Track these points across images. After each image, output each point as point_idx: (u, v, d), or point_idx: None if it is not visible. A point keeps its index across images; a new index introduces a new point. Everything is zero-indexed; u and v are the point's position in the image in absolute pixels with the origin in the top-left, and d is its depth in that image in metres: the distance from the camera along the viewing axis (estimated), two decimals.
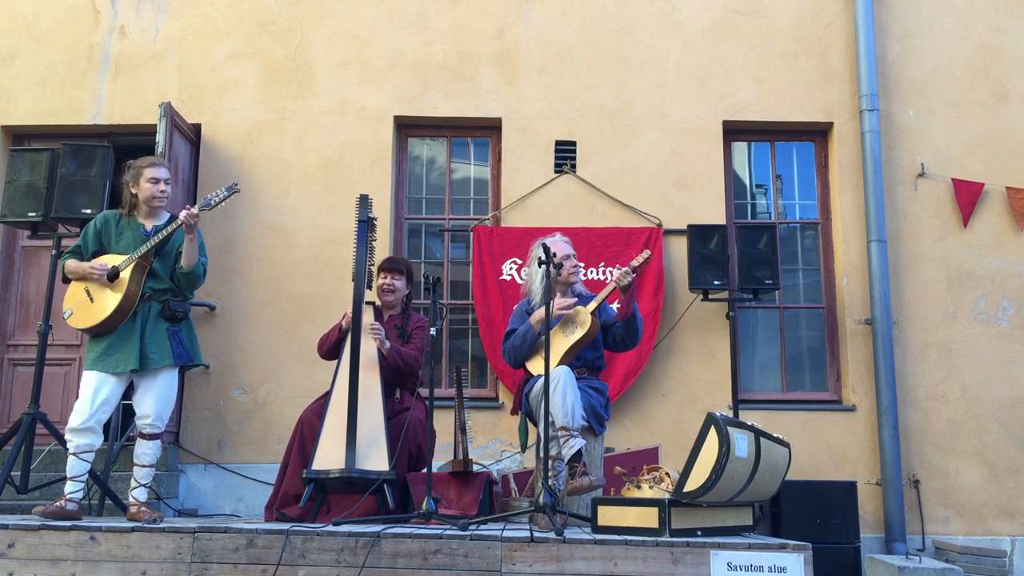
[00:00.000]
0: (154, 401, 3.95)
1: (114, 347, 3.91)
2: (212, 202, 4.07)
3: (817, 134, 6.27)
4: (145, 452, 3.98)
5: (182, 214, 3.95)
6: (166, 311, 4.02)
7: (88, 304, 3.96)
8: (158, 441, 4.01)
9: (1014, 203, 5.94)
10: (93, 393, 3.86)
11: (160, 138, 5.57)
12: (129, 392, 4.06)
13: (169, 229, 4.00)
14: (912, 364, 5.80)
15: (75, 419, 3.85)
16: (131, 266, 3.94)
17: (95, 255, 4.05)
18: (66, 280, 4.10)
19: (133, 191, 4.11)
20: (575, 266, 4.49)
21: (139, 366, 3.89)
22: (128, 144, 6.06)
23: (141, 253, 3.94)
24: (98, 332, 3.94)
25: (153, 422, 3.96)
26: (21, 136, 6.25)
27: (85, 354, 3.99)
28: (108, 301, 3.93)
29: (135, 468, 3.98)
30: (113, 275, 3.95)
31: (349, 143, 6.07)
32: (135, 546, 3.40)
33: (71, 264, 4.05)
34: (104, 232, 4.10)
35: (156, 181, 4.09)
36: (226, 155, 6.06)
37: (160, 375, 3.97)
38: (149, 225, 4.10)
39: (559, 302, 4.26)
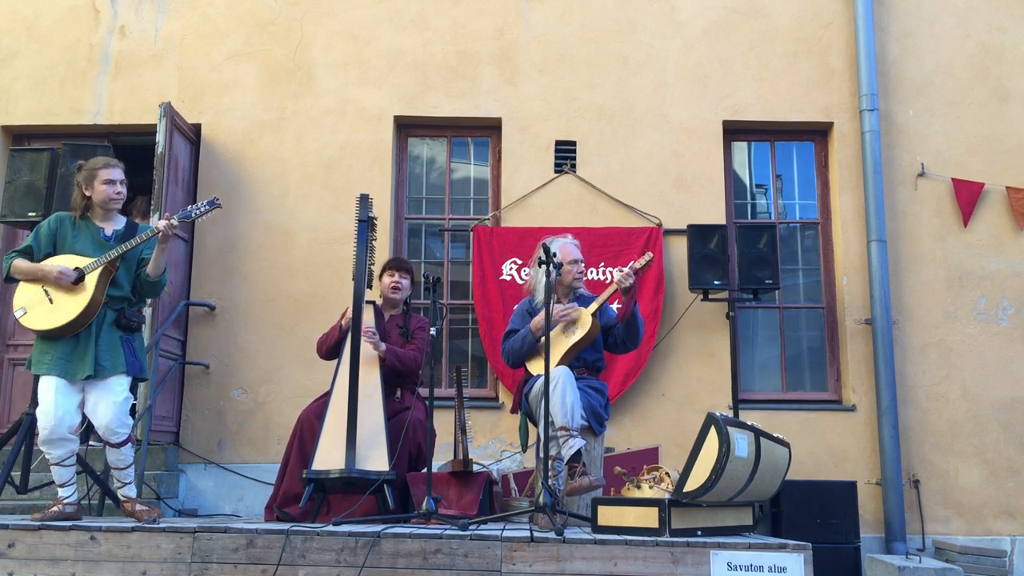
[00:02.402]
0: (108, 410, 3.79)
1: (70, 353, 3.78)
2: (192, 215, 3.92)
3: (817, 134, 6.27)
4: (118, 458, 3.88)
5: (160, 223, 3.81)
6: (121, 320, 3.89)
7: (46, 304, 3.78)
8: (128, 445, 3.89)
9: (1014, 203, 5.94)
10: (55, 402, 3.72)
11: (160, 138, 5.57)
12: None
13: (144, 236, 3.84)
14: (912, 364, 5.80)
15: (44, 431, 3.71)
16: (98, 270, 3.80)
17: (47, 257, 3.88)
18: (9, 279, 3.93)
19: (87, 193, 3.91)
20: (580, 272, 4.47)
21: (92, 373, 3.77)
22: (128, 144, 6.06)
23: (111, 258, 3.80)
24: (56, 335, 3.78)
25: (116, 429, 3.81)
26: (21, 136, 6.25)
27: (36, 357, 3.81)
28: (72, 304, 3.77)
29: (113, 471, 3.91)
30: (79, 278, 3.79)
31: (349, 143, 6.08)
32: (135, 546, 3.39)
33: (23, 265, 3.84)
34: (59, 233, 3.90)
35: (112, 183, 3.90)
36: (226, 155, 6.06)
37: (111, 383, 3.82)
38: (108, 229, 3.95)
39: (558, 307, 4.25)
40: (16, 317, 3.85)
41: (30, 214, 4.90)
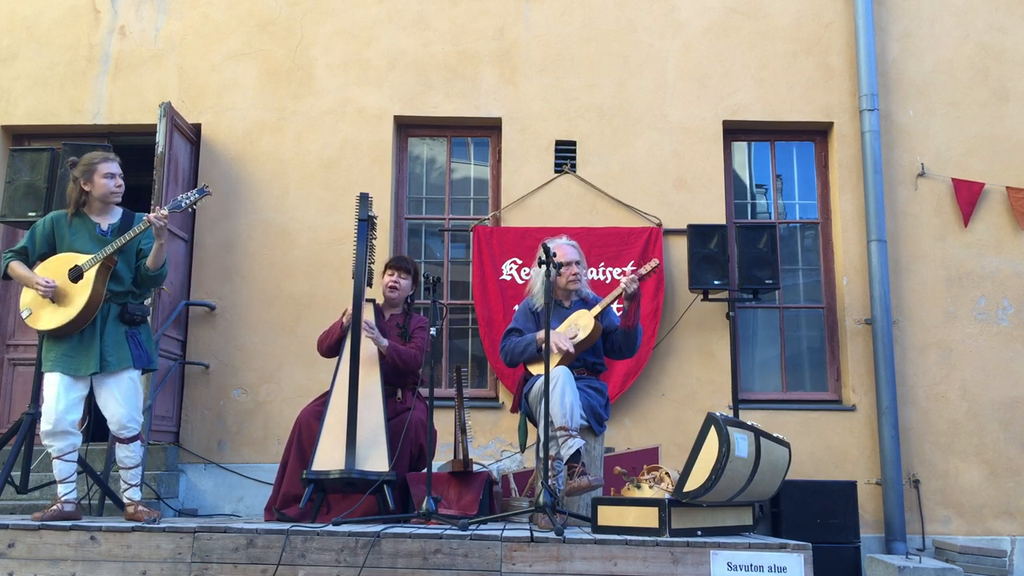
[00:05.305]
0: (120, 405, 3.84)
1: (75, 349, 3.81)
2: (182, 204, 3.91)
3: (817, 134, 6.27)
4: (127, 455, 3.91)
5: (151, 216, 3.81)
6: (124, 314, 3.91)
7: (49, 305, 3.82)
8: (137, 442, 3.93)
9: (1014, 203, 5.94)
10: (57, 396, 3.77)
11: (160, 138, 5.57)
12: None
13: (137, 230, 3.85)
14: (912, 364, 5.80)
15: (46, 424, 3.77)
16: (96, 266, 3.80)
17: (43, 257, 3.91)
18: (6, 277, 3.97)
19: (86, 188, 3.91)
20: (575, 274, 4.40)
21: (99, 368, 3.80)
22: (128, 144, 6.06)
23: (107, 253, 3.80)
24: (61, 333, 3.81)
25: (127, 424, 3.86)
26: (21, 136, 6.25)
27: (43, 355, 3.88)
28: (73, 302, 3.79)
29: (121, 471, 3.93)
30: (77, 275, 3.81)
31: (349, 143, 6.08)
32: (135, 546, 3.40)
33: (18, 269, 3.90)
34: (56, 233, 3.92)
35: (112, 176, 3.92)
36: (226, 155, 6.06)
37: (121, 378, 3.86)
38: (105, 224, 3.96)
39: (560, 339, 4.20)
40: (23, 318, 3.88)
41: (30, 214, 4.90)
